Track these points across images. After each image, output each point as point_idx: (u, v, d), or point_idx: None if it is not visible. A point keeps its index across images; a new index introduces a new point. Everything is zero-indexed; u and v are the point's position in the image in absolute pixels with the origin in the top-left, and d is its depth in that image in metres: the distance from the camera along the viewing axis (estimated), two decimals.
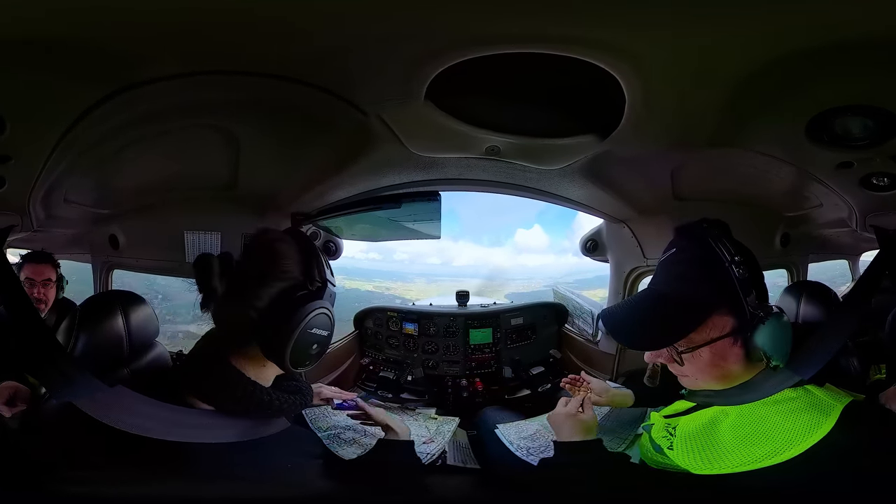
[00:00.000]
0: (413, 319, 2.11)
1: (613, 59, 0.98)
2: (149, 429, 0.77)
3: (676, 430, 0.92)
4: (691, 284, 0.83)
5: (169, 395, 0.83)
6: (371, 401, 1.88)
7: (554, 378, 2.04)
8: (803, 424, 0.77)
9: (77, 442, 0.79)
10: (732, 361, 0.83)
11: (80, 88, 0.99)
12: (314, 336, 0.85)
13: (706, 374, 0.85)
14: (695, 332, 0.82)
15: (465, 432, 1.68)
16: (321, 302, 0.86)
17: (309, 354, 0.86)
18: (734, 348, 0.82)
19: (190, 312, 0.86)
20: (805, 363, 0.84)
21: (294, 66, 1.05)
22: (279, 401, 0.87)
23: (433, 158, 1.53)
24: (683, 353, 0.83)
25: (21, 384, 1.19)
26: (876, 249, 1.39)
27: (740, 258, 0.81)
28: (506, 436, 1.44)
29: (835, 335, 0.93)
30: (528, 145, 1.40)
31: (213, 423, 0.82)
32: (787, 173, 1.49)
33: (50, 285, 1.64)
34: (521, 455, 1.31)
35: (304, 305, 0.83)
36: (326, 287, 0.89)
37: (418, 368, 2.04)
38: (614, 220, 1.91)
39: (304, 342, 0.84)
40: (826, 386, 0.85)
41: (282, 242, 0.90)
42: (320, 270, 0.89)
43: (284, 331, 0.82)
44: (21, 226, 1.35)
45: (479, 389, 2.03)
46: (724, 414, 0.87)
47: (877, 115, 1.08)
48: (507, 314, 2.14)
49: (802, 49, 0.89)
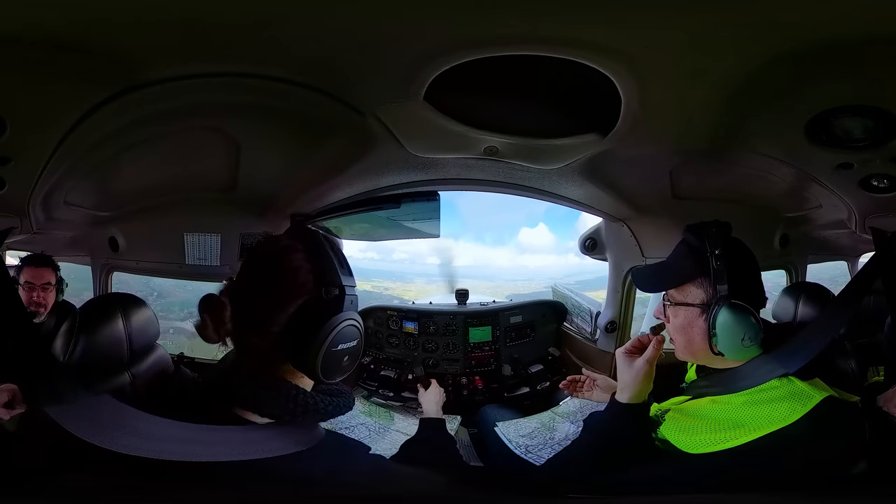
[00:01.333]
0: (413, 318, 2.12)
1: (607, 60, 0.98)
2: (185, 453, 0.71)
3: (668, 415, 1.04)
4: (680, 257, 1.04)
5: (209, 413, 0.79)
6: (372, 400, 1.90)
7: (553, 376, 2.05)
8: (781, 411, 0.86)
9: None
10: (696, 332, 0.99)
11: (83, 90, 0.99)
12: (342, 351, 0.80)
13: (678, 335, 1.02)
14: (675, 290, 1.01)
15: (466, 430, 1.70)
16: (342, 315, 0.80)
17: (341, 367, 0.82)
18: (699, 320, 0.98)
19: (183, 310, 0.86)
20: (793, 356, 0.93)
21: (293, 70, 1.06)
22: (323, 403, 0.84)
23: (432, 159, 1.53)
24: (666, 306, 1.03)
25: (19, 387, 1.16)
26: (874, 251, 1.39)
27: (721, 252, 0.97)
28: (505, 434, 1.46)
29: (824, 331, 1.01)
30: (526, 145, 1.40)
31: (261, 436, 0.78)
32: (787, 174, 1.49)
33: (49, 289, 1.62)
34: (520, 453, 1.34)
35: (323, 324, 0.78)
36: (345, 293, 0.82)
37: (419, 367, 2.05)
38: (613, 219, 1.91)
39: (331, 360, 0.79)
40: (814, 380, 0.92)
41: (288, 254, 0.83)
42: (333, 275, 0.82)
43: (309, 353, 0.78)
44: (20, 228, 1.35)
45: (478, 387, 2.04)
46: (713, 402, 0.98)
47: (877, 116, 1.07)
48: (506, 312, 2.15)
49: (801, 48, 0.89)
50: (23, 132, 1.02)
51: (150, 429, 0.75)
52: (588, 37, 0.91)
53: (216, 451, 0.73)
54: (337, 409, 0.86)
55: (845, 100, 1.06)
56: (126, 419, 0.77)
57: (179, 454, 0.71)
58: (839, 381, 0.97)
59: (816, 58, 0.90)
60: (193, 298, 1.84)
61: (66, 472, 0.74)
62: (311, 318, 0.79)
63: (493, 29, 0.90)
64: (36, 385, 0.83)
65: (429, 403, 1.50)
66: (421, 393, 1.57)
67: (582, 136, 1.34)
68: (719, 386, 0.98)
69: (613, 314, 1.97)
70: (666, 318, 1.04)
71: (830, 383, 0.93)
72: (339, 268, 0.84)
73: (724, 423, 0.91)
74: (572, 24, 0.88)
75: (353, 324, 0.81)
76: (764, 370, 0.93)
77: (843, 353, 1.56)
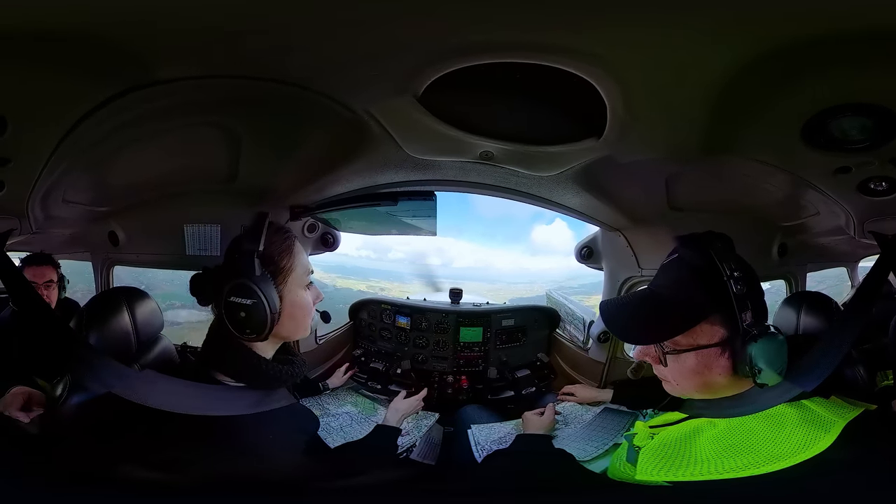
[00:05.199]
0: (406, 313, 2.15)
1: (583, 65, 0.95)
2: (173, 404, 0.89)
3: (655, 438, 0.94)
4: (686, 290, 0.85)
5: (192, 374, 0.99)
6: (361, 391, 1.94)
7: (539, 382, 2.06)
8: (797, 440, 0.77)
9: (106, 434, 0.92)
10: (717, 373, 0.84)
11: (87, 86, 0.98)
12: (236, 304, 0.96)
13: (688, 380, 0.87)
14: (682, 335, 0.84)
15: (441, 429, 1.73)
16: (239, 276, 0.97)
17: (238, 322, 0.97)
18: (721, 359, 0.84)
19: (164, 301, 1.00)
20: (806, 376, 0.83)
21: (294, 73, 1.07)
22: (278, 371, 1.03)
23: (430, 160, 1.55)
24: (668, 354, 0.86)
25: (32, 389, 1.18)
26: (874, 255, 1.32)
27: (740, 274, 0.83)
28: (476, 436, 1.48)
29: (836, 346, 0.90)
30: (521, 151, 1.41)
31: (227, 396, 0.97)
32: (783, 181, 1.45)
33: (52, 286, 1.65)
34: (479, 457, 1.35)
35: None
36: (248, 257, 0.99)
37: (406, 361, 2.08)
38: (610, 228, 1.91)
39: (228, 311, 0.96)
40: (832, 399, 0.83)
41: (237, 240, 1.04)
42: (248, 245, 1.01)
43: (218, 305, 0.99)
44: (20, 229, 1.33)
45: (463, 387, 2.06)
46: (712, 425, 0.88)
47: (875, 115, 1.00)
48: (498, 315, 2.16)
49: (793, 44, 0.83)
50: (24, 131, 1.01)
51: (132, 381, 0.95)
52: (558, 41, 0.89)
53: (190, 405, 0.90)
54: (286, 376, 1.04)
55: (844, 98, 0.98)
56: (160, 384, 0.96)
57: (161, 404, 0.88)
58: (849, 389, 0.93)
59: (809, 54, 0.84)
60: (178, 290, 1.90)
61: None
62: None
63: (464, 39, 0.91)
64: (75, 365, 0.97)
65: (393, 412, 1.47)
66: (397, 398, 1.56)
67: (575, 144, 1.34)
68: (723, 408, 0.86)
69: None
70: (661, 362, 0.87)
71: (841, 393, 0.86)
72: (254, 243, 1.02)
73: (731, 451, 0.81)
74: (534, 28, 0.86)
75: (246, 283, 0.97)
76: (776, 392, 0.82)
77: (850, 360, 1.49)
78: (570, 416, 1.61)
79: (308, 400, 1.71)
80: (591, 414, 1.60)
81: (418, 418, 1.66)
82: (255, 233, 1.02)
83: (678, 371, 0.87)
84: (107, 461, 0.86)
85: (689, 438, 0.89)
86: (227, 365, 0.99)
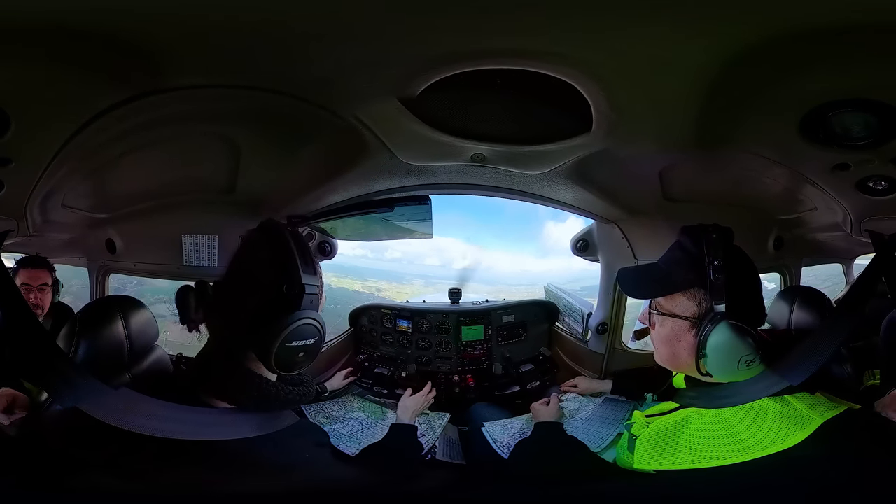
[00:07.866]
0: (406, 317, 2.16)
1: (560, 66, 0.96)
2: (152, 428, 0.79)
3: (650, 427, 0.99)
4: (672, 264, 0.97)
5: (181, 396, 0.86)
6: (367, 397, 1.95)
7: (543, 376, 2.08)
8: (772, 433, 0.79)
9: (83, 444, 0.82)
10: (683, 346, 0.93)
11: (94, 91, 0.97)
12: (297, 347, 0.85)
13: (663, 346, 0.97)
14: (664, 299, 0.95)
15: (455, 428, 1.75)
16: (299, 314, 0.85)
17: (296, 362, 0.87)
18: (688, 335, 0.92)
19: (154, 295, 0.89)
20: (795, 369, 0.84)
21: (290, 85, 1.08)
22: (285, 392, 0.90)
23: (423, 165, 1.56)
24: (654, 315, 0.97)
25: (18, 392, 1.17)
26: (871, 254, 1.35)
27: (720, 264, 0.89)
28: (491, 433, 1.51)
29: (826, 342, 0.92)
30: (511, 152, 1.42)
31: (231, 420, 0.86)
32: (781, 175, 1.47)
33: (46, 290, 1.63)
34: (502, 452, 1.38)
35: (280, 321, 0.84)
36: (304, 292, 0.87)
37: (411, 365, 2.09)
38: (605, 220, 1.92)
39: (286, 354, 0.85)
40: (816, 395, 0.86)
41: (251, 251, 0.90)
42: (295, 274, 0.87)
43: (264, 347, 0.84)
44: (17, 231, 1.33)
45: (470, 385, 2.07)
46: (699, 415, 0.92)
47: (877, 111, 1.00)
48: (498, 312, 2.17)
49: (789, 35, 0.82)
50: (27, 131, 0.99)
51: (113, 401, 0.83)
52: (531, 46, 0.89)
53: (181, 430, 0.80)
54: (297, 399, 0.93)
55: (845, 93, 0.98)
56: (139, 405, 0.84)
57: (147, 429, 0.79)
58: (835, 386, 0.95)
59: (807, 47, 0.83)
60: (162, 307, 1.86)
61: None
62: (269, 313, 0.85)
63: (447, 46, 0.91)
64: (50, 377, 0.87)
65: (403, 410, 1.48)
66: (404, 396, 1.58)
67: (565, 141, 1.35)
68: (712, 399, 0.90)
69: (605, 315, 1.98)
70: (651, 324, 0.99)
71: (826, 389, 0.88)
72: (303, 267, 0.88)
73: (712, 441, 0.84)
74: (507, 34, 0.86)
75: (310, 322, 0.87)
76: (764, 384, 0.85)
77: (839, 357, 1.54)
78: (572, 408, 1.65)
79: (308, 407, 1.68)
80: (594, 405, 1.64)
81: (430, 419, 1.67)
82: (305, 263, 0.88)
83: (657, 336, 0.97)
84: (82, 469, 0.79)
85: (679, 427, 0.93)
86: (230, 392, 0.87)
